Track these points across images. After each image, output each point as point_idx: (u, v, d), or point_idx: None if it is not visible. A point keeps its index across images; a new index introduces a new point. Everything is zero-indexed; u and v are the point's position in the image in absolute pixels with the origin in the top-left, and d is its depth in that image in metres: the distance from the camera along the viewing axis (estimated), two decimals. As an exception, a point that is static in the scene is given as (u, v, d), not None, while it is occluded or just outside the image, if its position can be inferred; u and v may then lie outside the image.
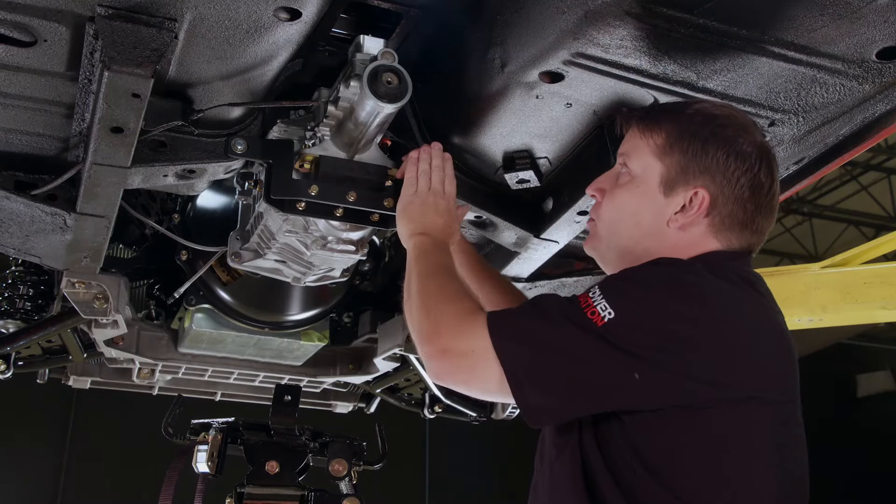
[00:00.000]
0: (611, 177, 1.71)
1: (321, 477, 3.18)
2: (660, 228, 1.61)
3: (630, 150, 1.67)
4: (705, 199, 1.58)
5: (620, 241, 1.66)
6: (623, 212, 1.65)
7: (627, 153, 1.67)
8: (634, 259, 1.59)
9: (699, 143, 1.59)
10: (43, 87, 1.79)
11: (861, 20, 1.51)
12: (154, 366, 3.30)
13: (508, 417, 3.59)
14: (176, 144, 1.97)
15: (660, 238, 1.61)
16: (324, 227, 2.06)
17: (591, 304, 1.44)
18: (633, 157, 1.66)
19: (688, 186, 1.59)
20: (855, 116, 1.80)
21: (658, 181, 1.61)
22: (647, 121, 1.66)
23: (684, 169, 1.60)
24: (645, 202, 1.62)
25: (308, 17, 1.63)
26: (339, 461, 3.15)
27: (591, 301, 1.44)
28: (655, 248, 1.60)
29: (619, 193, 1.66)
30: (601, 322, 1.41)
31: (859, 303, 3.78)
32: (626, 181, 1.66)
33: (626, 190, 1.65)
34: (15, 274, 2.96)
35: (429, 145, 1.93)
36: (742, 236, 1.61)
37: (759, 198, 1.60)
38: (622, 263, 1.62)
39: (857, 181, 14.03)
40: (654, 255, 1.58)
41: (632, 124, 1.69)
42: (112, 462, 10.00)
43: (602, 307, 1.42)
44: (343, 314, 3.29)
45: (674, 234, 1.60)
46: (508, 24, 1.72)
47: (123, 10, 1.53)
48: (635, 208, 1.64)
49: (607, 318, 1.41)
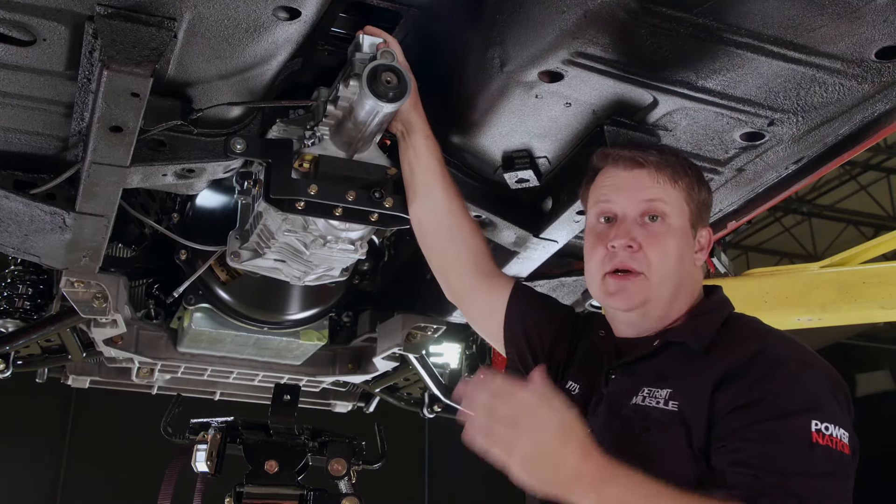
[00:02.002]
0: (635, 226, 1.68)
1: (320, 476, 3.18)
2: (692, 268, 1.73)
3: (662, 196, 1.69)
4: (711, 237, 1.77)
5: (672, 287, 1.68)
6: (674, 258, 1.68)
7: (662, 200, 1.69)
8: (679, 298, 1.69)
9: (703, 186, 1.75)
10: (42, 87, 1.79)
11: (860, 20, 1.51)
12: (153, 365, 3.31)
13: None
14: (175, 144, 1.96)
15: (691, 276, 1.72)
16: (323, 226, 2.06)
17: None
18: (669, 204, 1.69)
19: (702, 227, 1.74)
20: (854, 116, 1.80)
21: (689, 224, 1.71)
22: (676, 169, 1.71)
23: (701, 210, 1.74)
24: (685, 246, 1.71)
25: (307, 16, 1.63)
26: (338, 460, 3.15)
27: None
28: (689, 284, 1.71)
29: (667, 242, 1.68)
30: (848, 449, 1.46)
31: (858, 302, 3.78)
32: (664, 229, 1.68)
33: (672, 237, 1.68)
34: (14, 273, 2.96)
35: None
36: None
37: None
38: (668, 308, 1.69)
39: (856, 181, 14.04)
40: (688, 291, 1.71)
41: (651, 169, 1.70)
42: (111, 461, 10.00)
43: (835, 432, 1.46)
44: (342, 313, 3.30)
45: (696, 271, 1.74)
46: (508, 23, 1.71)
47: (123, 10, 1.53)
48: (680, 253, 1.69)
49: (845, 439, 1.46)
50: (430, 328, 2.95)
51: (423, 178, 1.97)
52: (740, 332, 1.64)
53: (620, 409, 1.63)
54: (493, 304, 1.99)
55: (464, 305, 2.12)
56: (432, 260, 2.08)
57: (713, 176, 2.04)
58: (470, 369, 3.54)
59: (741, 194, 2.14)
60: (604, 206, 1.73)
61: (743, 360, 1.54)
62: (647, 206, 1.68)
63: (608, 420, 1.64)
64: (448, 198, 1.99)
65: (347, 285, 3.05)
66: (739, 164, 1.99)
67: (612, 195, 1.72)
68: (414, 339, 2.98)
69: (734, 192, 2.13)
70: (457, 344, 3.55)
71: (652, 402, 1.58)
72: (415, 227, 2.04)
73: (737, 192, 2.13)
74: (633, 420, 1.59)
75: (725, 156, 1.96)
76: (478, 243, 2.03)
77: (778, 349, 1.56)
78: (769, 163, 1.98)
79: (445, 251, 2.04)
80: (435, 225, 2.02)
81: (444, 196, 1.98)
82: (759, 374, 1.51)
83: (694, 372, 1.58)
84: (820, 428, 1.44)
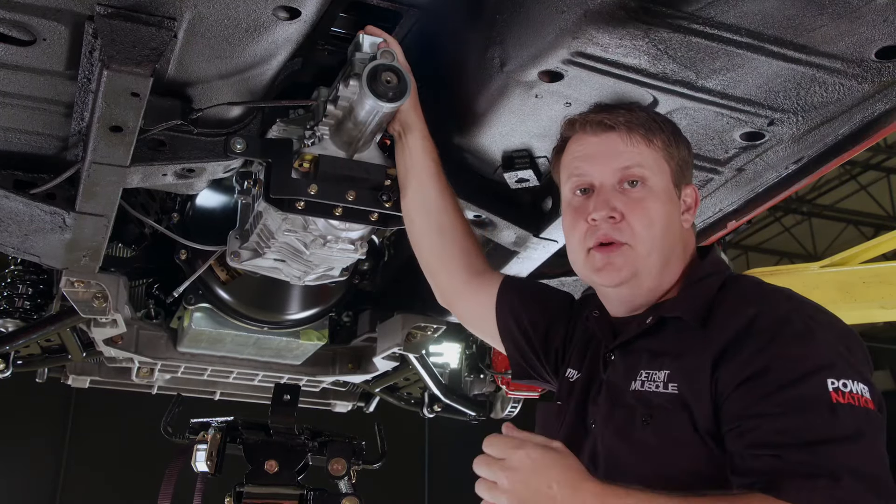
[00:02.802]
0: (615, 194, 1.60)
1: (320, 476, 3.18)
2: (681, 230, 1.64)
3: (638, 159, 1.60)
4: (697, 195, 1.67)
5: (664, 254, 1.60)
6: (661, 223, 1.59)
7: (639, 163, 1.60)
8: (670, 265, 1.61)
9: (681, 141, 1.66)
10: (42, 86, 1.79)
11: (860, 19, 1.51)
12: (153, 365, 3.31)
13: (508, 416, 3.59)
14: (175, 143, 1.96)
15: (682, 239, 1.64)
16: (323, 226, 2.06)
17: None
18: (647, 166, 1.60)
19: (686, 185, 1.66)
20: (854, 116, 1.80)
21: (671, 184, 1.62)
22: (648, 126, 1.62)
23: (682, 166, 1.65)
24: (672, 207, 1.62)
25: (307, 16, 1.63)
26: (338, 460, 3.16)
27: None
28: (680, 249, 1.63)
29: (651, 206, 1.58)
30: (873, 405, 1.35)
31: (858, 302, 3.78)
32: (645, 192, 1.59)
33: (655, 200, 1.59)
34: (14, 273, 2.96)
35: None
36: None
37: None
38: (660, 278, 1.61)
39: (856, 180, 14.05)
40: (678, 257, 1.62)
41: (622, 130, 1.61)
42: (111, 461, 10.01)
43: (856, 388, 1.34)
44: (342, 313, 3.30)
45: (686, 233, 1.65)
46: (508, 23, 1.71)
47: (122, 9, 1.53)
48: (667, 216, 1.60)
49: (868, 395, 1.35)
50: (430, 328, 2.95)
51: (417, 177, 1.95)
52: (736, 297, 1.52)
53: (621, 397, 1.57)
54: (483, 301, 1.95)
55: (455, 307, 2.09)
56: (422, 259, 2.05)
57: (713, 176, 2.04)
58: (470, 369, 3.54)
59: (741, 194, 2.14)
60: (578, 179, 1.65)
61: (741, 328, 1.43)
62: (623, 172, 1.60)
63: (610, 410, 1.58)
64: (441, 197, 1.96)
65: (347, 285, 3.05)
66: (739, 164, 1.99)
67: (584, 166, 1.64)
68: (414, 338, 2.98)
69: (734, 191, 2.12)
70: (457, 344, 3.55)
71: (651, 387, 1.51)
72: (406, 226, 2.02)
73: (737, 192, 2.13)
74: (635, 410, 1.52)
75: (725, 155, 1.96)
76: (469, 244, 2.00)
77: (777, 310, 1.45)
78: (769, 162, 1.98)
79: (435, 250, 2.01)
80: (426, 224, 1.99)
81: (437, 196, 1.95)
82: (761, 341, 1.40)
83: (691, 348, 1.49)
84: (837, 386, 1.32)
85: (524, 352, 1.90)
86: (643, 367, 1.55)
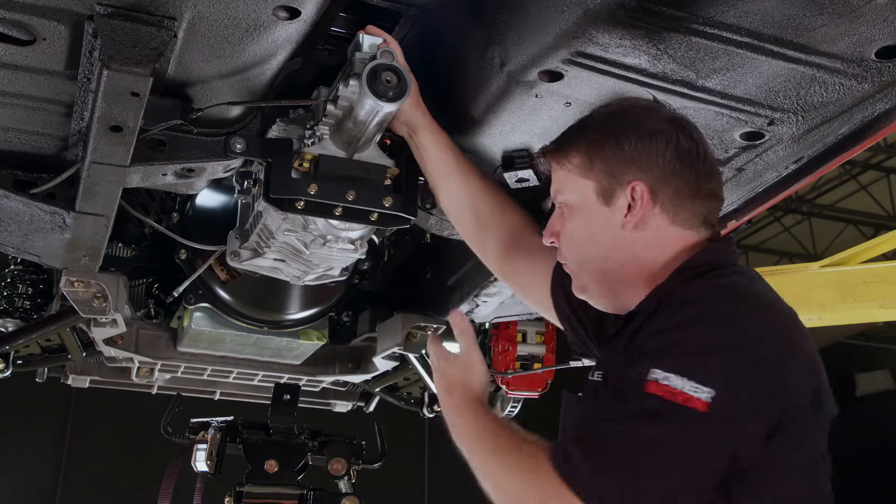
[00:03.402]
0: (557, 219, 1.72)
1: (320, 476, 3.18)
2: (619, 237, 1.62)
3: (558, 184, 1.70)
4: (644, 190, 1.59)
5: (593, 266, 1.66)
6: (580, 240, 1.66)
7: (559, 189, 1.70)
8: (615, 277, 1.63)
9: (612, 142, 1.62)
10: (42, 86, 1.79)
11: (860, 19, 1.51)
12: (153, 365, 3.31)
13: (508, 416, 3.59)
14: (175, 143, 1.96)
15: (626, 246, 1.62)
16: (323, 225, 2.06)
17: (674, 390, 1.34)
18: (563, 188, 1.69)
19: (623, 186, 1.61)
20: (854, 115, 1.80)
21: (595, 197, 1.63)
22: (558, 150, 1.69)
23: (610, 173, 1.62)
24: (593, 221, 1.64)
25: (307, 15, 1.63)
26: (338, 460, 3.16)
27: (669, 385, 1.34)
28: (626, 256, 1.62)
29: (568, 227, 1.68)
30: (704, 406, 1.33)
31: (858, 302, 3.78)
32: (568, 214, 1.68)
33: (571, 220, 1.67)
34: (14, 273, 2.96)
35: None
36: (696, 207, 1.61)
37: (694, 163, 1.60)
38: (604, 287, 1.66)
39: (856, 180, 14.05)
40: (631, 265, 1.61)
41: (548, 158, 1.72)
42: (111, 461, 10.01)
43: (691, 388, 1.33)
44: (342, 313, 3.30)
45: (635, 236, 1.60)
46: (508, 22, 1.71)
47: (122, 9, 1.53)
48: (588, 232, 1.65)
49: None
50: (430, 327, 2.95)
51: (439, 172, 1.99)
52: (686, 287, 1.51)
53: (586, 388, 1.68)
54: (538, 283, 1.98)
55: (512, 286, 2.17)
56: (472, 247, 2.12)
57: (713, 175, 2.04)
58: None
59: (741, 194, 2.14)
60: None
61: (649, 314, 1.50)
62: (556, 201, 1.72)
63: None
64: (469, 185, 2.00)
65: (347, 285, 3.05)
66: (739, 164, 1.99)
67: None
68: (414, 338, 2.98)
69: (734, 191, 2.12)
70: (457, 343, 3.55)
71: (591, 376, 1.64)
72: (450, 221, 2.11)
73: (736, 192, 2.13)
74: (578, 403, 1.66)
75: (725, 155, 1.96)
76: (513, 222, 2.03)
77: (681, 298, 1.46)
78: (769, 162, 1.98)
79: (479, 238, 2.07)
80: (462, 215, 2.05)
81: (464, 185, 2.00)
82: (648, 326, 1.47)
83: (625, 337, 1.56)
84: (658, 377, 1.34)
85: (578, 333, 1.92)
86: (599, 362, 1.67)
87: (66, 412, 10.21)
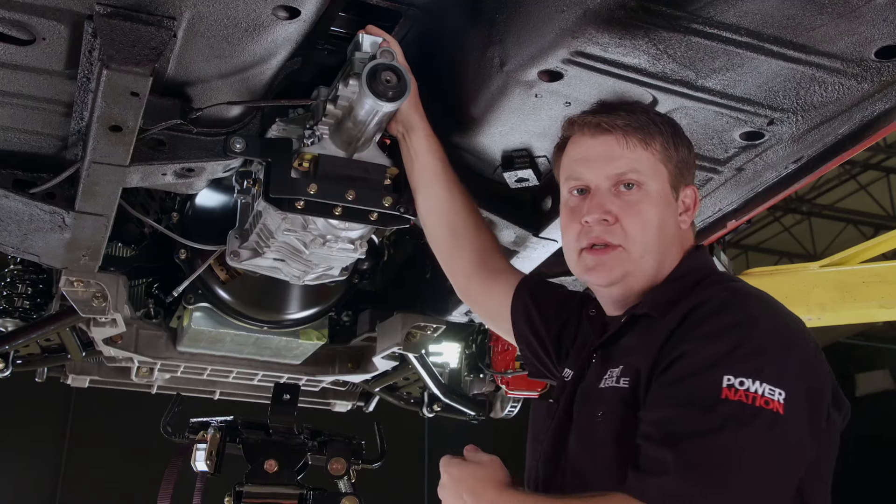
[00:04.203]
0: (609, 197, 1.62)
1: (320, 475, 3.18)
2: (677, 231, 1.66)
3: (634, 163, 1.61)
4: (696, 195, 1.69)
5: (656, 256, 1.62)
6: (654, 226, 1.60)
7: (634, 168, 1.61)
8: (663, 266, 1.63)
9: (685, 144, 1.67)
10: (42, 86, 1.79)
11: (860, 19, 1.51)
12: (153, 364, 3.31)
13: (507, 416, 3.59)
14: (175, 143, 1.96)
15: (677, 240, 1.66)
16: (322, 225, 2.06)
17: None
18: (643, 169, 1.61)
19: (686, 186, 1.67)
20: (854, 115, 1.80)
21: (669, 186, 1.64)
22: (646, 130, 1.63)
23: (682, 168, 1.66)
24: (667, 210, 1.64)
25: (307, 15, 1.63)
26: (337, 460, 3.15)
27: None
28: (675, 250, 1.65)
29: (645, 210, 1.60)
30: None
31: (858, 302, 3.78)
32: (641, 196, 1.61)
33: (650, 204, 1.61)
34: (13, 272, 2.96)
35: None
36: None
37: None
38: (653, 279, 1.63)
39: (855, 180, 14.04)
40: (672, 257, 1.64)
41: (618, 134, 1.62)
42: (111, 461, 10.00)
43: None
44: (342, 313, 3.30)
45: (682, 233, 1.67)
46: (507, 22, 1.71)
47: (122, 9, 1.53)
48: (662, 219, 1.62)
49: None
50: (430, 327, 2.95)
51: (424, 178, 1.97)
52: (699, 292, 1.52)
53: (589, 396, 1.60)
54: (499, 301, 1.97)
55: (472, 305, 2.14)
56: (440, 259, 2.09)
57: (713, 175, 2.04)
58: (469, 369, 3.54)
59: (741, 193, 2.14)
60: (575, 181, 1.67)
61: (680, 319, 1.46)
62: (619, 177, 1.61)
63: (580, 408, 1.61)
64: (451, 197, 1.98)
65: (347, 284, 3.05)
66: (739, 164, 1.99)
67: (581, 168, 1.66)
68: (413, 338, 2.98)
69: (734, 191, 2.13)
70: (456, 343, 3.55)
71: (610, 383, 1.53)
72: (423, 228, 2.06)
73: (736, 192, 2.13)
74: (594, 407, 1.55)
75: (725, 155, 1.96)
76: (483, 242, 2.01)
77: (713, 302, 1.45)
78: (769, 162, 1.98)
79: (450, 251, 2.04)
80: (438, 225, 2.02)
81: (446, 195, 1.97)
82: (684, 332, 1.42)
83: (648, 342, 1.50)
84: (733, 382, 1.31)
85: (537, 353, 1.92)
86: (610, 364, 1.58)
87: (66, 412, 10.20)
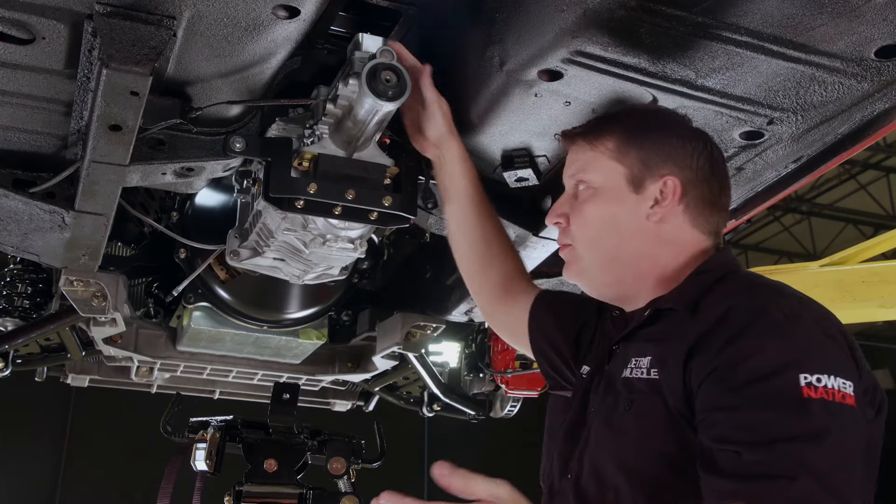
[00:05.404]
0: (567, 200, 1.72)
1: (320, 475, 3.18)
2: (641, 226, 1.63)
3: (583, 164, 1.69)
4: (677, 186, 1.62)
5: (604, 253, 1.66)
6: (597, 224, 1.66)
7: (582, 168, 1.69)
8: (627, 266, 1.65)
9: (654, 135, 1.66)
10: (41, 85, 1.79)
11: (860, 18, 1.51)
12: (152, 364, 3.31)
13: (507, 416, 3.59)
14: (174, 142, 1.96)
15: (646, 236, 1.63)
16: (322, 225, 2.06)
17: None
18: (589, 169, 1.68)
19: (655, 177, 1.63)
20: (854, 115, 1.80)
21: (625, 182, 1.64)
22: (593, 132, 1.69)
23: (646, 162, 1.64)
24: (618, 206, 1.64)
25: (307, 14, 1.63)
26: (337, 459, 3.16)
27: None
28: (644, 247, 1.63)
29: (586, 209, 1.67)
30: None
31: (858, 301, 3.79)
32: (589, 195, 1.67)
33: (592, 202, 1.66)
34: (13, 272, 2.97)
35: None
36: (712, 218, 1.66)
37: (719, 176, 1.67)
38: (612, 275, 1.67)
39: (855, 180, 14.05)
40: (647, 258, 1.63)
41: (576, 140, 1.72)
42: (111, 460, 10.01)
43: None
44: (342, 312, 3.30)
45: (656, 228, 1.63)
46: (507, 22, 1.71)
47: (122, 8, 1.53)
48: (610, 216, 1.64)
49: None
50: (430, 327, 2.95)
51: (456, 200, 2.02)
52: (726, 289, 1.52)
53: (613, 385, 1.59)
54: (518, 317, 2.01)
55: (496, 327, 2.20)
56: (466, 282, 2.15)
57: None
58: (469, 368, 3.54)
59: (740, 193, 2.14)
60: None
61: (717, 319, 1.44)
62: (573, 178, 1.71)
63: (603, 398, 1.61)
64: (479, 222, 2.04)
65: (347, 284, 3.05)
66: (739, 163, 1.99)
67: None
68: (413, 337, 2.98)
69: (733, 190, 2.11)
70: (456, 343, 3.55)
71: (637, 374, 1.54)
72: (452, 248, 2.13)
73: (736, 191, 2.13)
74: (620, 396, 1.55)
75: (725, 154, 1.96)
76: (510, 267, 2.07)
77: (755, 301, 1.45)
78: (768, 161, 1.98)
79: (478, 276, 2.10)
80: (465, 245, 2.08)
81: (475, 220, 2.03)
82: (731, 334, 1.40)
83: (676, 335, 1.50)
84: (811, 380, 1.30)
85: (555, 364, 1.92)
86: (633, 354, 1.58)
87: (66, 412, 10.21)
